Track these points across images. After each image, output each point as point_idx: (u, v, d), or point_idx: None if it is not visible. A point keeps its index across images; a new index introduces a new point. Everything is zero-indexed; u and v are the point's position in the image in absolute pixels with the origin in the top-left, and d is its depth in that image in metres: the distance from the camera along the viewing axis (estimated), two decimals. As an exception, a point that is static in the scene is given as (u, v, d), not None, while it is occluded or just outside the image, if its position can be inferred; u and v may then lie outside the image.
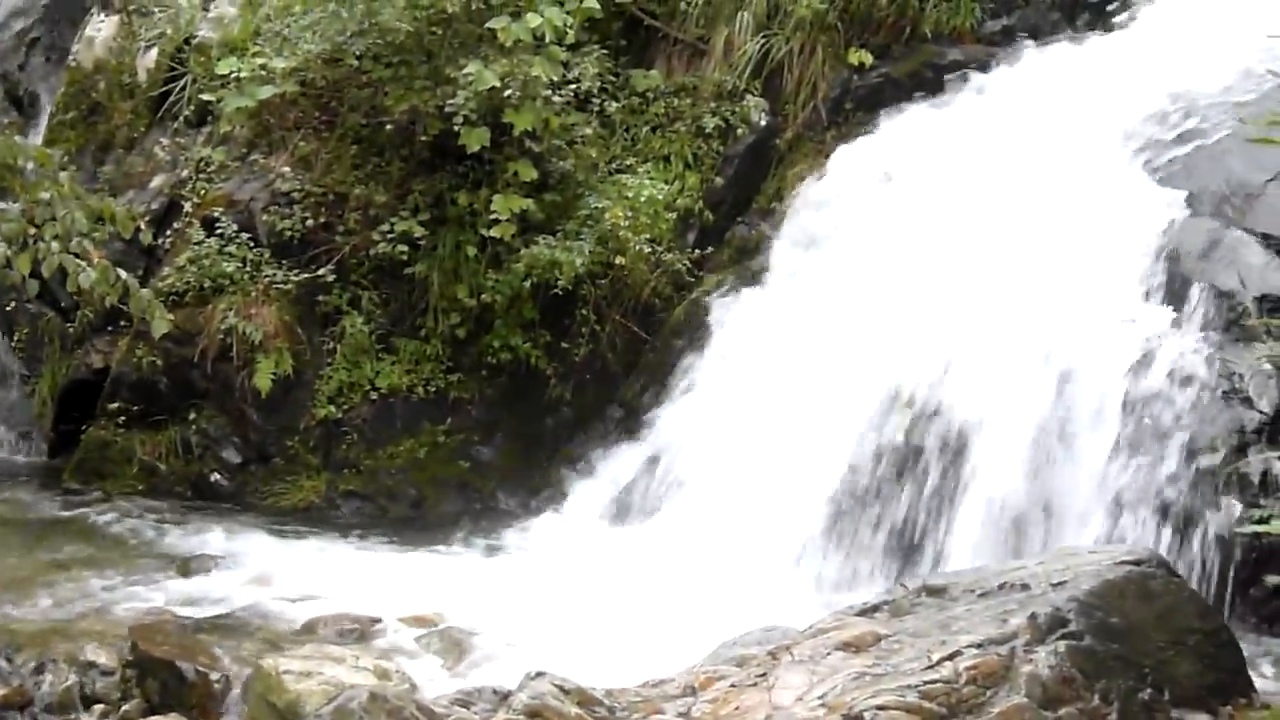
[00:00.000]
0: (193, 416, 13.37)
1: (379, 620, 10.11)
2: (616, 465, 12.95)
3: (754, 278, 13.49)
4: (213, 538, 12.13)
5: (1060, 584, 7.59)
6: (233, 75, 13.64)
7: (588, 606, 10.34)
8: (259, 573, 11.28)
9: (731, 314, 13.31)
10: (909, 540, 10.80)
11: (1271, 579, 8.66)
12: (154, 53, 14.84)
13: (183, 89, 14.55)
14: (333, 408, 13.28)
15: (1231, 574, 9.56)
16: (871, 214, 12.99)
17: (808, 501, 11.24)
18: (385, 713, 6.57)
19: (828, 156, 13.83)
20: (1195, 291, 10.88)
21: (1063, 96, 13.17)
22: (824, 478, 11.28)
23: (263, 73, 13.49)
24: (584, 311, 13.44)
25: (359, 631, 9.95)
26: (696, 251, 13.80)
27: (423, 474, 13.27)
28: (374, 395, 13.35)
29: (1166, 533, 9.87)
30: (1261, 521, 6.45)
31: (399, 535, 12.50)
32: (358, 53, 13.40)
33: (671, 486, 12.44)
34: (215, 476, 13.35)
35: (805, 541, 11.13)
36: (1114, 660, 7.20)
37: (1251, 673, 7.40)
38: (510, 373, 13.46)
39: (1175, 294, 10.99)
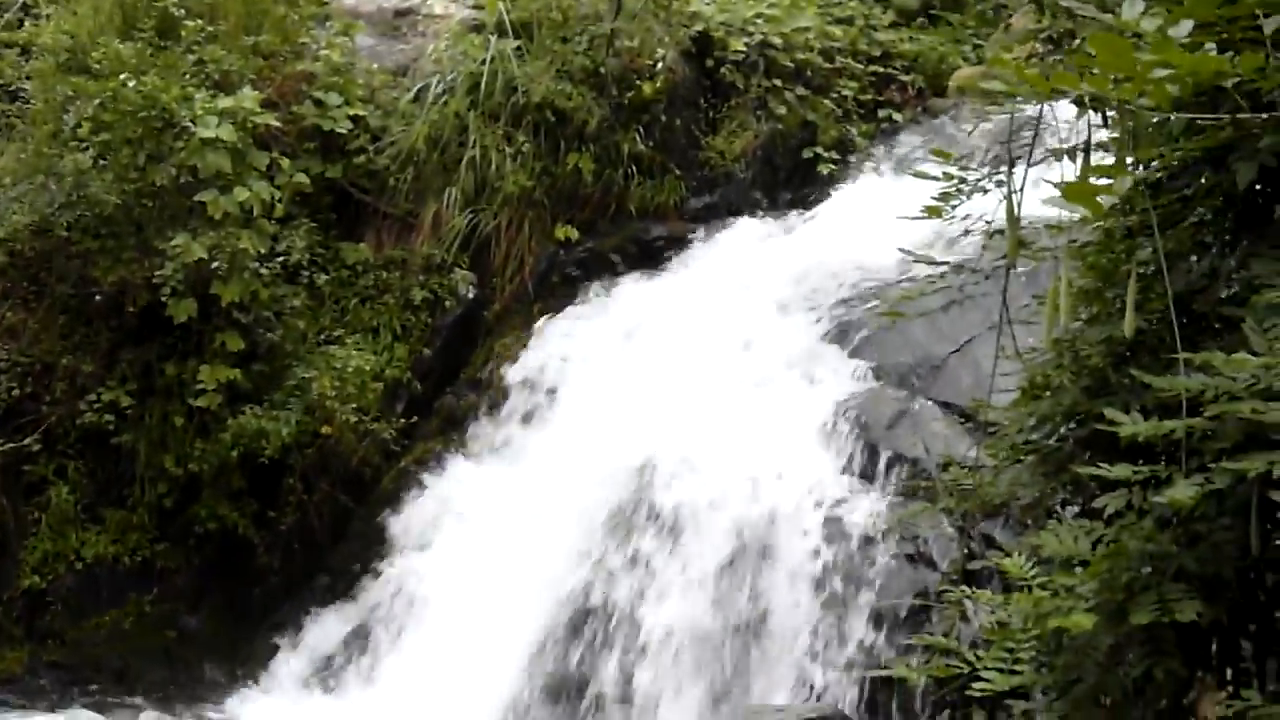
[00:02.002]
0: (-109, 590, 13.14)
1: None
2: (322, 635, 12.93)
3: (461, 447, 13.69)
4: (-93, 711, 11.95)
5: (747, 742, 7.84)
6: (-61, 247, 13.55)
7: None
8: (-48, 745, 11.17)
9: (440, 482, 13.45)
10: (604, 701, 11.01)
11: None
12: None
13: (-111, 261, 14.37)
14: (37, 578, 13.10)
15: (919, 729, 9.91)
16: (575, 386, 13.30)
17: (510, 665, 11.40)
18: None
19: (534, 328, 14.14)
20: (883, 459, 11.30)
21: (760, 271, 13.62)
22: (523, 643, 11.45)
23: (-30, 244, 13.44)
24: (292, 480, 13.47)
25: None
26: (404, 421, 13.89)
27: (127, 644, 13.15)
28: (79, 565, 13.21)
29: (855, 690, 10.19)
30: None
31: (102, 707, 12.37)
32: (67, 224, 13.34)
33: (375, 655, 12.50)
34: (-86, 648, 13.09)
35: (503, 706, 11.26)
36: (798, 813, 7.46)
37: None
38: (218, 542, 13.42)
39: (865, 462, 11.41)
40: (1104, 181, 4.36)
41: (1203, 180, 4.83)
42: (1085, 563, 4.41)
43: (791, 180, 15.37)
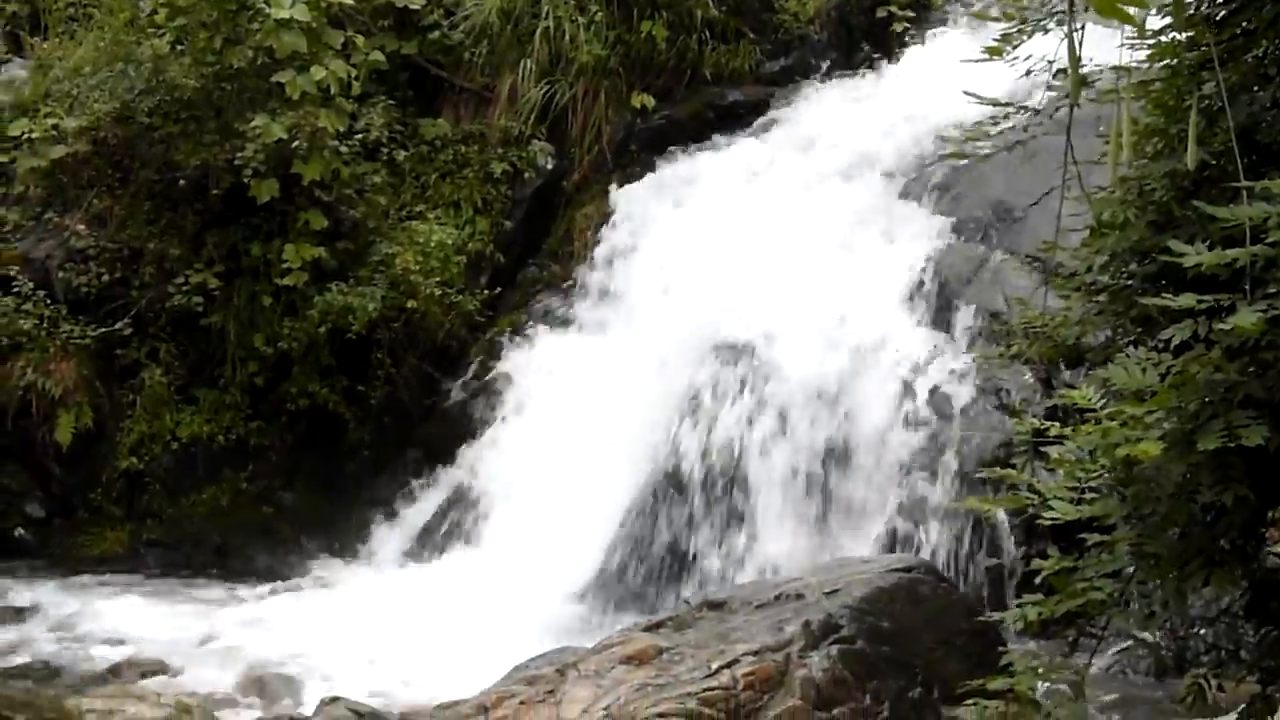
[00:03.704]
0: (-6, 473, 13.40)
1: (183, 659, 10.25)
2: (416, 505, 13.16)
3: (547, 318, 13.78)
4: (16, 591, 12.14)
5: (833, 592, 7.92)
6: (25, 136, 13.65)
7: (387, 639, 10.52)
8: (63, 621, 11.38)
9: (526, 354, 13.57)
10: (693, 560, 11.14)
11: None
12: (-54, 116, 14.80)
13: (-24, 152, 14.51)
14: (134, 459, 13.35)
15: (1003, 574, 9.97)
16: (661, 255, 13.34)
17: (599, 530, 11.53)
18: (181, 740, 6.74)
19: (613, 197, 14.17)
20: (963, 312, 11.33)
21: (837, 131, 13.61)
22: (613, 507, 11.59)
23: (54, 133, 13.56)
24: (380, 355, 13.59)
25: (163, 670, 10.09)
26: (488, 293, 14.02)
27: (226, 520, 13.40)
28: (175, 445, 13.45)
29: (944, 538, 10.27)
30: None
31: (203, 580, 12.66)
32: (147, 110, 13.47)
33: (469, 524, 12.66)
34: (19, 531, 13.33)
35: (596, 568, 11.41)
36: (884, 662, 7.57)
37: (1018, 668, 7.70)
38: (310, 418, 13.60)
39: (945, 316, 11.45)
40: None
41: (1264, 12, 4.82)
42: (1154, 394, 4.43)
43: (866, 40, 15.27)
